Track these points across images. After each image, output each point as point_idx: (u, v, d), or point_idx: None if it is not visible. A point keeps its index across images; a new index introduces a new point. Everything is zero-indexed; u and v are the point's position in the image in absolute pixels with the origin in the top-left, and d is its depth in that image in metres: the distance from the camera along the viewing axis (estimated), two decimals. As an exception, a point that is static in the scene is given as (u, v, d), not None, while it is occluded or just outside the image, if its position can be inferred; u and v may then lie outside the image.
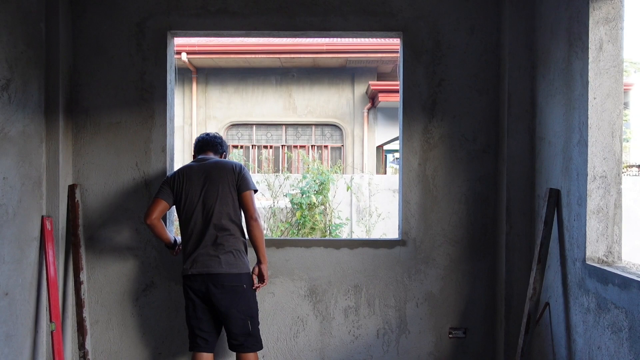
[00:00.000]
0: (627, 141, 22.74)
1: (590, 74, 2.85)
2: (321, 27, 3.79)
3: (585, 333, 2.83)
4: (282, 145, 12.87)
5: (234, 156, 12.86)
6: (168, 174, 3.79)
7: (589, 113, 2.84)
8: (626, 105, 24.52)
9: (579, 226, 2.91)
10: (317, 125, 12.94)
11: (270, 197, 8.42)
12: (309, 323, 3.75)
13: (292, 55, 11.84)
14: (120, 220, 3.73)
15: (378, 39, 11.66)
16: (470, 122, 3.75)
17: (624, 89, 16.72)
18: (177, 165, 13.65)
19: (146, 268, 3.73)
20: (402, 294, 3.74)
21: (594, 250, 2.85)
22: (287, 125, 12.97)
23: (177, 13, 3.78)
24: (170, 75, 3.86)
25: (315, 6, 3.77)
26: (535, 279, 3.20)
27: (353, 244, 3.75)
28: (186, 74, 12.70)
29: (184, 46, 11.72)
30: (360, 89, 12.59)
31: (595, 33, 2.86)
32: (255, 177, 9.25)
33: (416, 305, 3.74)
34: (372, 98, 12.27)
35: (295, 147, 12.83)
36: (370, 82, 11.80)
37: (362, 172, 11.75)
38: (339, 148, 12.97)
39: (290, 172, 11.38)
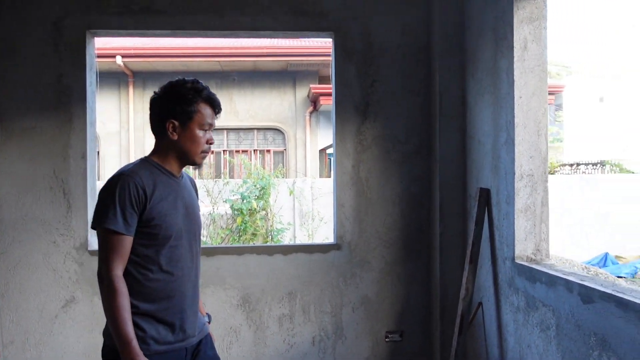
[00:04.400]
0: (561, 141, 23.75)
1: (516, 72, 2.86)
2: (251, 27, 3.68)
3: (516, 332, 2.83)
4: (223, 150, 12.64)
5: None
6: (89, 182, 3.57)
7: (515, 112, 2.85)
8: (559, 107, 25.62)
9: (508, 225, 2.92)
10: (259, 129, 12.79)
11: (209, 204, 8.21)
12: (242, 333, 3.61)
13: (232, 59, 11.66)
14: (36, 233, 3.48)
15: (318, 42, 11.64)
16: (403, 123, 3.72)
17: (557, 91, 17.22)
18: (108, 172, 12.88)
19: (66, 282, 3.49)
20: (337, 299, 3.66)
21: (523, 248, 2.85)
22: (229, 129, 12.74)
23: (97, 11, 3.57)
24: (91, 77, 3.65)
25: (246, 6, 3.65)
26: (468, 279, 3.19)
27: (287, 249, 3.65)
28: (122, 78, 12.28)
29: (119, 49, 11.33)
30: (302, 93, 12.53)
31: (520, 32, 2.87)
32: (194, 183, 9.00)
33: (352, 310, 3.67)
34: (313, 101, 12.23)
35: (237, 151, 12.63)
36: (312, 86, 11.76)
37: (305, 176, 11.68)
38: (282, 152, 12.86)
39: (233, 178, 11.18)
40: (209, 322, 2.20)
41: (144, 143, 12.38)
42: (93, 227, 1.86)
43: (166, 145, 1.96)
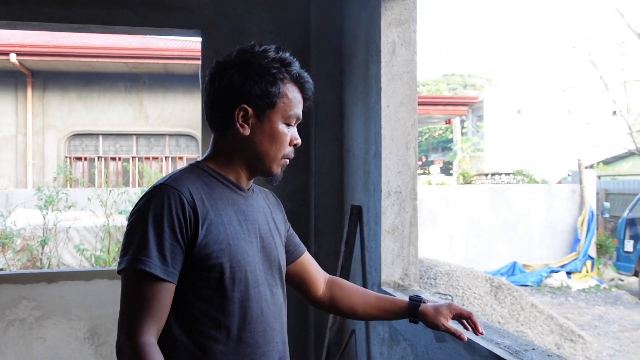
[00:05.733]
0: (482, 151, 24.49)
1: (383, 79, 2.61)
2: (104, 21, 3.25)
3: (382, 366, 2.55)
4: (132, 157, 11.92)
5: (77, 170, 11.72)
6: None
7: (382, 122, 2.59)
8: (480, 117, 26.43)
9: (376, 246, 2.65)
10: (171, 135, 12.18)
11: (103, 215, 7.59)
12: (90, 370, 3.15)
13: (141, 60, 11.04)
14: None
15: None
16: (278, 132, 3.39)
17: (472, 102, 17.67)
18: (1, 180, 11.63)
19: None
20: (202, 328, 3.27)
21: (390, 273, 2.59)
22: (138, 135, 12.06)
23: None
24: None
25: (98, -4, 3.22)
26: (337, 306, 2.89)
27: (143, 273, 3.22)
28: (19, 78, 11.34)
29: (13, 46, 10.44)
30: (216, 98, 12.05)
31: (388, 35, 2.62)
32: (86, 193, 8.33)
33: (219, 340, 3.29)
34: (228, 107, 11.80)
35: (147, 158, 11.96)
36: (225, 91, 11.32)
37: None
38: (195, 159, 12.30)
39: (142, 186, 10.55)
40: None
41: (43, 149, 11.50)
42: (118, 271, 1.21)
43: (231, 143, 1.32)
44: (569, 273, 9.92)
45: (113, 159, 11.87)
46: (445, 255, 9.49)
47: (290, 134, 1.35)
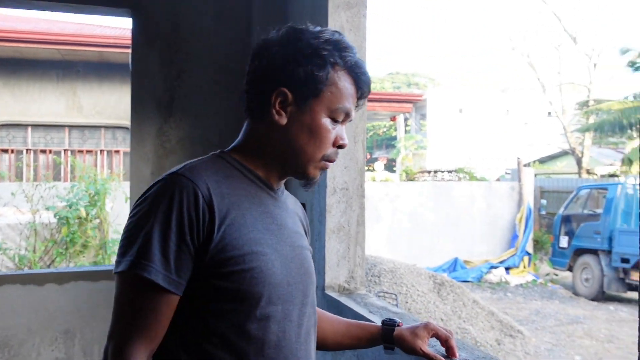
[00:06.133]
0: (425, 149, 24.93)
1: (330, 67, 2.41)
2: (20, -6, 2.91)
3: (325, 376, 2.37)
4: (64, 150, 11.27)
5: (2, 163, 10.96)
6: None
7: (328, 113, 2.40)
8: (424, 116, 26.89)
9: (320, 247, 2.46)
10: (107, 127, 11.60)
11: (29, 211, 7.07)
12: (-1, 387, 2.82)
13: (74, 47, 10.44)
14: None
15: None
16: (216, 123, 3.15)
17: (416, 100, 17.80)
18: None
19: None
20: (130, 337, 3.00)
21: (335, 276, 2.40)
22: (71, 127, 11.42)
23: None
24: None
25: (12, -33, 2.87)
26: (277, 311, 2.69)
27: (62, 277, 2.91)
28: (-62, 62, 10.50)
29: None
30: (156, 89, 11.59)
31: (336, 19, 2.43)
32: (11, 187, 7.76)
33: (149, 349, 3.02)
34: (168, 99, 11.36)
35: (81, 151, 11.33)
36: (165, 82, 10.89)
37: (157, 180, 10.75)
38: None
39: (74, 181, 9.98)
40: None
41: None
42: (115, 273, 1.01)
43: (264, 133, 1.11)
44: (507, 269, 10.13)
45: (43, 151, 11.18)
46: (388, 251, 9.47)
47: (336, 131, 1.11)
